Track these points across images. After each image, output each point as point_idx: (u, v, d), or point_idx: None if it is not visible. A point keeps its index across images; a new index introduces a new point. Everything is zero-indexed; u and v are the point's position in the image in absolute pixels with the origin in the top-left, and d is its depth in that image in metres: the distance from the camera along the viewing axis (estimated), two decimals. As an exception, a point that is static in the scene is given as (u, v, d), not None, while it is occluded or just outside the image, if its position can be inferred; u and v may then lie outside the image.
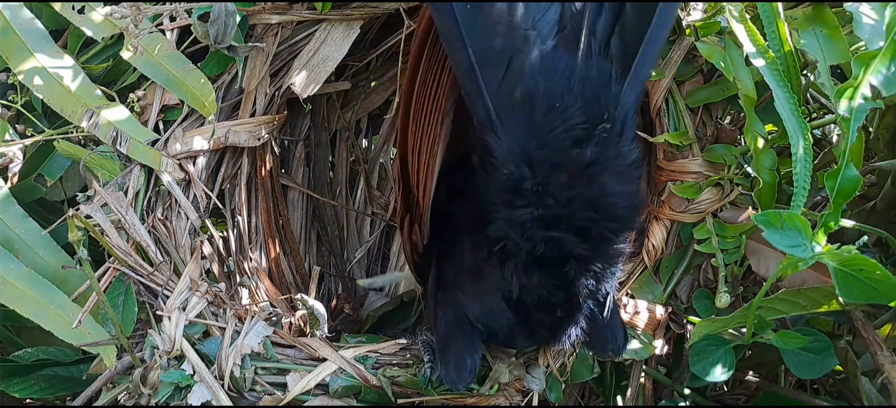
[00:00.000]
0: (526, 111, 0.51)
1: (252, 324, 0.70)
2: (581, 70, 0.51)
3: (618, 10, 0.52)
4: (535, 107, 0.51)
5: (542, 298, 0.58)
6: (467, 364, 0.63)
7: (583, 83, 0.51)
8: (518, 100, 0.51)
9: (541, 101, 0.51)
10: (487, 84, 0.51)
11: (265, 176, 0.92)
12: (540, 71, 0.51)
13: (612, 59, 0.52)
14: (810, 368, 0.67)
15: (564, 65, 0.51)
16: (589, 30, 0.51)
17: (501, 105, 0.52)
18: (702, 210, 0.73)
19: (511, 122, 0.52)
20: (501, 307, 0.60)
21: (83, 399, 0.70)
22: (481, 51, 0.51)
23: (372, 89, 1.06)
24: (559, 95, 0.51)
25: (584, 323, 0.62)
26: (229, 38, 0.76)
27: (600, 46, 0.52)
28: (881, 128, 0.76)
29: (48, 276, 0.71)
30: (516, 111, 0.52)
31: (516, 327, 0.62)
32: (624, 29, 0.52)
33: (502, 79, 0.51)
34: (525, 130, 0.51)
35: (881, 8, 0.61)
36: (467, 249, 0.63)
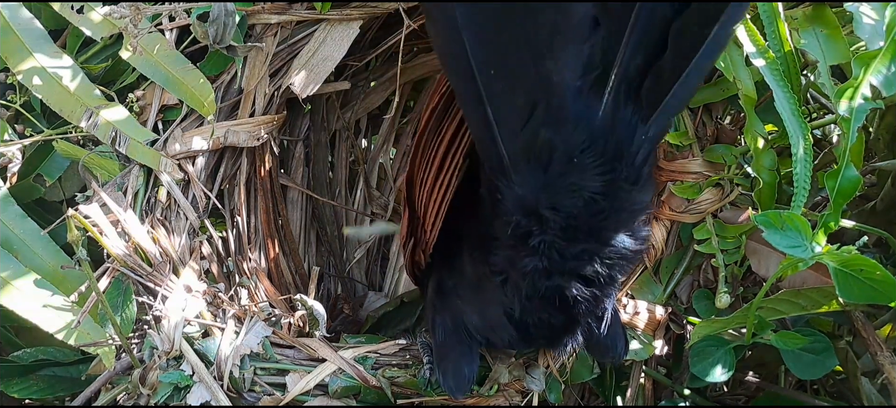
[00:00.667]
0: (542, 164, 0.48)
1: (251, 324, 0.70)
2: (605, 117, 0.47)
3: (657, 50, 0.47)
4: (553, 161, 0.48)
5: (542, 320, 0.58)
6: (465, 374, 0.63)
7: (606, 134, 0.48)
8: (536, 150, 0.48)
9: (560, 155, 0.48)
10: (504, 135, 0.48)
11: (264, 176, 0.92)
12: (562, 121, 0.47)
13: (642, 99, 0.48)
14: (810, 368, 0.67)
15: (589, 113, 0.47)
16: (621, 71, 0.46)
17: (517, 153, 0.49)
18: (702, 210, 0.73)
19: (525, 171, 0.49)
20: (502, 322, 0.60)
21: (82, 399, 0.69)
22: (501, 109, 0.47)
23: (371, 89, 1.06)
24: (579, 150, 0.48)
25: (581, 337, 0.62)
26: (228, 38, 0.76)
27: (631, 86, 0.47)
28: (881, 128, 0.76)
29: (47, 276, 0.71)
30: (532, 162, 0.48)
31: (516, 341, 0.62)
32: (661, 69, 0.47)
33: (521, 130, 0.47)
34: (539, 185, 0.49)
35: (881, 8, 0.61)
36: (468, 262, 0.62)
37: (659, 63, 0.46)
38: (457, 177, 0.58)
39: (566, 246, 0.51)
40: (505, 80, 0.46)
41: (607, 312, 0.61)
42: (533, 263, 0.52)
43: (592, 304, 0.56)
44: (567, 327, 0.60)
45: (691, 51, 0.46)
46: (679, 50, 0.46)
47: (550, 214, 0.49)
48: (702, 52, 0.46)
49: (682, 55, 0.46)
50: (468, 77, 0.46)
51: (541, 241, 0.51)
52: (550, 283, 0.53)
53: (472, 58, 0.45)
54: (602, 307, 0.59)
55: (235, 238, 0.88)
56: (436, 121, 0.60)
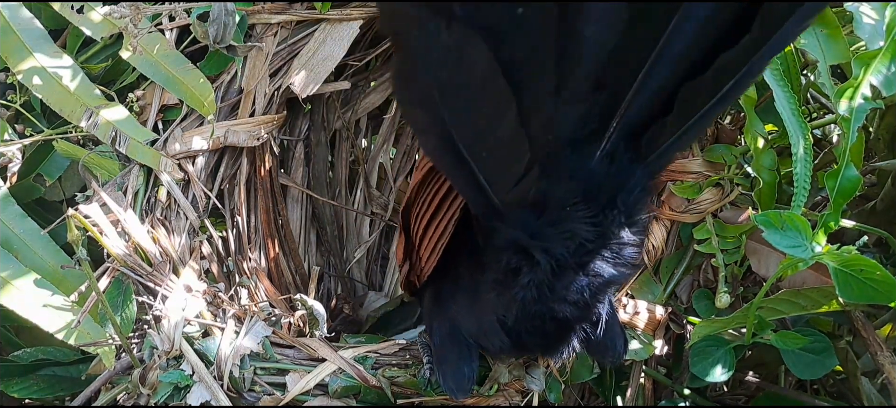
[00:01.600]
0: (536, 211, 0.49)
1: (251, 324, 0.70)
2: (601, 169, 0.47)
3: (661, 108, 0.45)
4: (545, 211, 0.48)
5: (535, 327, 0.58)
6: (465, 374, 0.63)
7: (600, 183, 0.48)
8: (529, 200, 0.48)
9: (553, 205, 0.48)
10: (496, 192, 0.48)
11: (264, 176, 0.92)
12: (556, 176, 0.47)
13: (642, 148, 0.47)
14: (810, 368, 0.67)
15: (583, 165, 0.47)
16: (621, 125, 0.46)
17: (510, 203, 0.49)
18: (702, 210, 0.73)
19: (519, 216, 0.49)
20: (496, 330, 0.60)
21: (82, 399, 0.69)
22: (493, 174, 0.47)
23: (371, 89, 1.05)
24: (572, 202, 0.48)
25: (576, 344, 0.62)
26: (229, 38, 0.76)
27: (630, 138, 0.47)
28: (881, 128, 0.76)
29: (47, 276, 0.71)
30: (526, 209, 0.49)
31: (509, 349, 0.62)
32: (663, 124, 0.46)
33: (514, 186, 0.47)
34: (533, 229, 0.49)
35: (881, 8, 0.61)
36: (464, 269, 0.63)
37: (663, 120, 0.46)
38: (452, 225, 0.58)
39: (554, 283, 0.52)
40: (497, 156, 0.46)
41: (602, 317, 0.62)
42: (522, 294, 0.53)
43: (583, 311, 0.57)
44: (560, 334, 0.60)
45: (698, 109, 0.46)
46: (686, 109, 0.45)
47: (541, 257, 0.50)
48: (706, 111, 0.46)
49: (689, 112, 0.46)
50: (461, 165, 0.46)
51: (530, 279, 0.52)
52: (540, 307, 0.54)
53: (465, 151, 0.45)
54: (595, 314, 0.60)
55: (235, 238, 0.88)
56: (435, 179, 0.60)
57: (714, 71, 0.43)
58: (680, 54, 0.43)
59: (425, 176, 0.61)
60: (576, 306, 0.55)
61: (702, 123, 0.47)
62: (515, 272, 0.52)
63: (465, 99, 0.43)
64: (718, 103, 0.45)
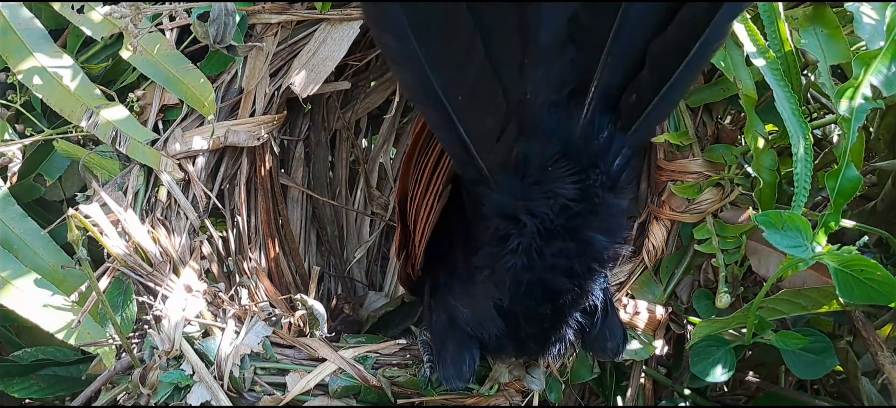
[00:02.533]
0: (519, 173, 0.51)
1: (251, 324, 0.70)
2: (582, 129, 0.49)
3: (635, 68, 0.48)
4: (529, 170, 0.50)
5: (530, 310, 0.59)
6: (466, 360, 0.63)
7: (581, 145, 0.50)
8: (511, 161, 0.50)
9: (534, 164, 0.50)
10: (479, 150, 0.50)
11: (264, 176, 0.92)
12: (535, 134, 0.49)
13: (621, 111, 0.49)
14: (811, 368, 0.67)
15: (563, 126, 0.49)
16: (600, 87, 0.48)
17: (494, 165, 0.51)
18: (702, 210, 0.73)
19: (503, 179, 0.51)
20: (492, 316, 0.61)
21: (82, 399, 0.69)
22: (474, 129, 0.49)
23: (372, 89, 1.05)
24: (553, 160, 0.50)
25: (571, 336, 0.62)
26: (229, 38, 0.76)
27: (610, 101, 0.49)
28: (882, 128, 0.76)
29: (47, 276, 0.71)
30: (509, 170, 0.51)
31: (505, 338, 0.62)
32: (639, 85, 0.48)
33: (495, 144, 0.50)
34: (516, 190, 0.51)
35: (882, 8, 0.61)
36: (460, 257, 0.63)
37: (637, 79, 0.48)
38: (440, 201, 0.59)
39: (543, 246, 0.53)
40: (475, 105, 0.48)
41: (597, 307, 0.62)
42: (512, 262, 0.54)
43: (577, 294, 0.58)
44: (554, 321, 0.60)
45: (671, 68, 0.47)
46: (657, 68, 0.47)
47: (527, 219, 0.52)
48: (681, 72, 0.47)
49: (661, 73, 0.47)
50: (439, 108, 0.48)
51: (519, 243, 0.53)
52: (532, 277, 0.55)
53: (440, 91, 0.47)
54: (589, 300, 0.60)
55: (236, 238, 0.88)
56: (424, 142, 0.62)
57: (677, 25, 0.45)
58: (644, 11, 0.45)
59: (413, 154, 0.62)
60: (568, 276, 0.55)
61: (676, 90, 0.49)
62: (504, 239, 0.53)
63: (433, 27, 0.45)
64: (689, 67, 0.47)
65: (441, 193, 0.59)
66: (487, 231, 0.55)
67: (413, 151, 0.63)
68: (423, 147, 0.62)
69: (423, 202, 0.61)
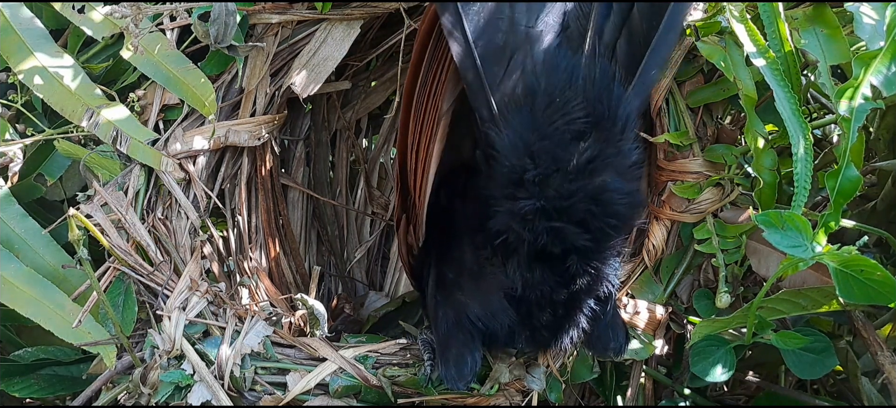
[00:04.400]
0: (527, 105, 0.53)
1: (252, 324, 0.70)
2: (584, 69, 0.52)
3: (626, 14, 0.53)
4: (536, 101, 0.52)
5: (544, 295, 0.58)
6: (468, 363, 0.63)
7: (585, 82, 0.52)
8: (520, 94, 0.53)
9: (542, 95, 0.52)
10: (490, 79, 0.53)
11: (265, 176, 0.92)
12: (541, 67, 0.52)
13: (618, 63, 0.53)
14: (811, 368, 0.67)
15: (566, 63, 0.52)
16: (595, 32, 0.52)
17: (503, 99, 0.53)
18: (702, 210, 0.73)
19: (513, 115, 0.53)
20: (503, 306, 0.61)
21: (83, 399, 0.70)
22: (484, 46, 0.53)
23: (372, 89, 1.06)
24: (560, 91, 0.52)
25: (584, 324, 0.62)
26: (229, 38, 0.76)
27: (606, 49, 0.53)
28: (882, 128, 0.76)
29: (48, 275, 0.71)
30: (518, 105, 0.53)
31: (517, 327, 0.62)
32: (631, 34, 0.53)
33: (504, 74, 0.53)
34: (526, 123, 0.53)
35: (881, 8, 0.61)
36: (468, 250, 0.63)
37: (628, 23, 0.52)
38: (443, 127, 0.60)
39: (560, 181, 0.53)
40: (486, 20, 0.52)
41: (612, 294, 0.62)
42: (531, 204, 0.54)
43: (593, 270, 0.57)
44: (569, 308, 0.60)
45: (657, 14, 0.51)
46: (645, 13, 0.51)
47: (540, 147, 0.53)
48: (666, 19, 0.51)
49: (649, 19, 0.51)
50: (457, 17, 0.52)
51: (535, 175, 0.53)
52: (550, 224, 0.54)
53: None
54: (604, 280, 0.60)
55: (236, 238, 0.88)
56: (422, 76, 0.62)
57: None
58: None
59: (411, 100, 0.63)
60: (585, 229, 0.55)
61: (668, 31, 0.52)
62: (520, 180, 0.53)
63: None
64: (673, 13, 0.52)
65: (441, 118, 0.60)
66: (502, 179, 0.54)
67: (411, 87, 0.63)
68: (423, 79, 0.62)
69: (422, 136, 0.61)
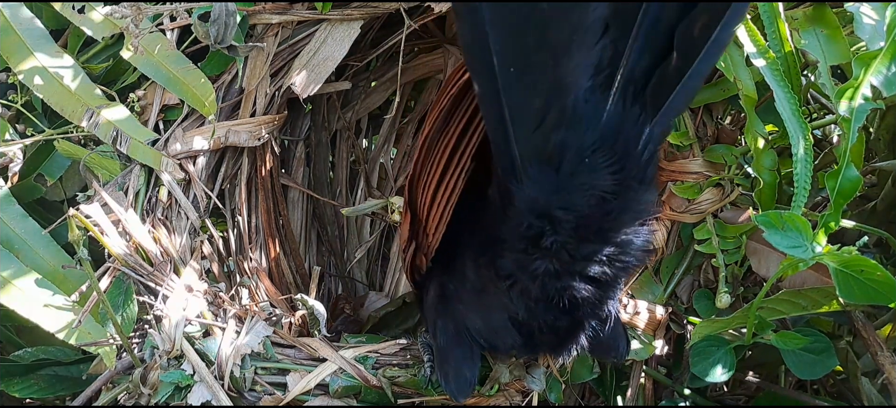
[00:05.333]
0: (554, 165, 0.49)
1: (252, 324, 0.70)
2: (612, 117, 0.48)
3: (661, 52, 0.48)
4: (564, 161, 0.48)
5: (547, 322, 0.58)
6: (466, 378, 0.63)
7: (614, 133, 0.48)
8: (548, 152, 0.48)
9: (571, 156, 0.48)
10: (517, 136, 0.48)
11: (265, 176, 0.92)
12: (574, 122, 0.47)
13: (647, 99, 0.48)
14: (811, 368, 0.67)
15: (597, 114, 0.48)
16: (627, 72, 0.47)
17: (529, 155, 0.49)
18: (702, 210, 0.73)
19: (537, 173, 0.49)
20: (506, 327, 0.60)
21: (83, 399, 0.70)
22: (517, 109, 0.47)
23: (372, 89, 1.06)
24: (590, 151, 0.48)
25: (584, 341, 0.62)
26: (229, 38, 0.76)
27: (637, 88, 0.48)
28: (882, 128, 0.76)
29: (48, 275, 0.71)
30: (544, 163, 0.49)
31: (519, 347, 0.62)
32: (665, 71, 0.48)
33: (534, 131, 0.48)
34: (551, 186, 0.49)
35: (882, 8, 0.61)
36: (471, 267, 0.62)
37: (664, 65, 0.47)
38: (462, 180, 0.58)
39: (577, 247, 0.51)
40: (523, 81, 0.46)
41: (611, 315, 0.61)
42: (544, 266, 0.52)
43: (596, 305, 0.57)
44: (571, 330, 0.60)
45: (694, 53, 0.46)
46: (683, 52, 0.46)
47: (562, 215, 0.50)
48: (704, 54, 0.46)
49: (686, 57, 0.46)
50: (490, 75, 0.46)
51: (553, 241, 0.51)
52: (560, 284, 0.53)
53: (495, 56, 0.45)
54: (605, 310, 0.60)
55: (236, 238, 0.88)
56: (442, 122, 0.59)
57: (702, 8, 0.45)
58: None
59: (430, 141, 0.60)
60: (597, 285, 0.54)
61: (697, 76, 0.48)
62: (536, 240, 0.51)
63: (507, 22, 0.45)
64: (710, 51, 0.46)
65: (466, 169, 0.57)
66: (517, 231, 0.52)
67: (430, 131, 0.61)
68: (442, 128, 0.59)
69: (441, 184, 0.59)
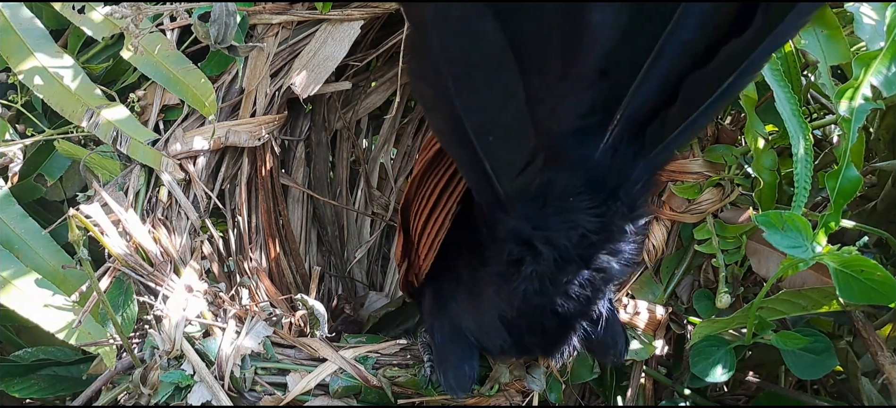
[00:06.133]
0: (538, 202, 0.49)
1: (252, 324, 0.70)
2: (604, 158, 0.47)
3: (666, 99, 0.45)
4: (549, 199, 0.48)
5: (535, 322, 0.59)
6: (466, 372, 0.63)
7: (604, 175, 0.48)
8: (533, 190, 0.48)
9: (556, 195, 0.48)
10: (501, 180, 0.48)
11: (265, 176, 0.92)
12: (560, 166, 0.47)
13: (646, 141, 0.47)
14: (811, 368, 0.67)
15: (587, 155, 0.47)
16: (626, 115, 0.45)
17: (514, 193, 0.49)
18: (702, 210, 0.73)
19: (521, 208, 0.49)
20: (496, 327, 0.60)
21: (83, 399, 0.70)
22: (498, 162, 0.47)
23: (372, 89, 1.06)
24: (576, 192, 0.48)
25: (576, 342, 0.62)
26: (230, 39, 0.76)
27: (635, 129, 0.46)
28: (881, 128, 0.76)
29: (48, 275, 0.71)
30: (529, 199, 0.49)
31: (509, 348, 0.62)
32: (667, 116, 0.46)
33: (518, 175, 0.47)
34: (535, 219, 0.49)
35: (882, 8, 0.61)
36: (465, 269, 0.63)
37: (667, 111, 0.46)
38: (450, 219, 0.58)
39: (556, 275, 0.52)
40: (502, 139, 0.45)
41: (602, 316, 0.62)
42: (524, 287, 0.53)
43: (583, 311, 0.57)
44: (560, 331, 0.60)
45: (702, 101, 0.45)
46: (690, 101, 0.45)
47: (544, 248, 0.50)
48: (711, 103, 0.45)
49: (693, 105, 0.45)
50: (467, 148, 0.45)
51: (533, 270, 0.52)
52: (541, 301, 0.55)
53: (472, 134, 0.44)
54: (594, 310, 0.60)
55: (236, 238, 0.88)
56: (435, 155, 0.59)
57: (717, 63, 0.43)
58: (683, 47, 0.43)
59: (424, 171, 0.61)
60: (577, 301, 0.55)
61: (704, 118, 0.47)
62: (518, 264, 0.52)
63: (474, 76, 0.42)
64: (720, 98, 0.45)
65: (452, 212, 0.57)
66: (500, 253, 0.53)
67: (422, 165, 0.61)
68: (434, 162, 0.60)
69: (431, 219, 0.60)
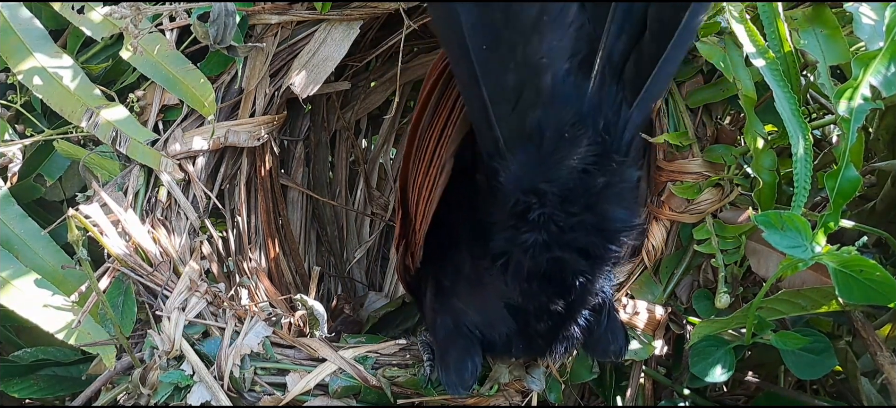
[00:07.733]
0: (535, 142, 0.51)
1: (252, 324, 0.70)
2: (592, 98, 0.51)
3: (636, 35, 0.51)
4: (545, 138, 0.51)
5: (542, 306, 0.59)
6: (468, 367, 0.63)
7: (594, 112, 0.51)
8: (528, 130, 0.51)
9: (551, 132, 0.51)
10: (498, 116, 0.51)
11: (265, 176, 0.92)
12: (551, 101, 0.50)
13: (625, 83, 0.51)
14: (810, 368, 0.67)
15: (576, 94, 0.50)
16: (605, 54, 0.50)
17: (510, 135, 0.52)
18: (702, 210, 0.73)
19: (520, 151, 0.52)
20: (502, 316, 0.61)
21: (83, 399, 0.70)
22: (494, 87, 0.50)
23: (371, 89, 1.06)
24: (569, 126, 0.50)
25: (578, 333, 0.62)
26: (229, 39, 0.76)
27: (615, 70, 0.51)
28: (881, 128, 0.76)
29: (48, 276, 0.71)
30: (525, 141, 0.51)
31: (515, 336, 0.62)
32: (640, 54, 0.51)
33: (512, 110, 0.51)
34: (533, 160, 0.52)
35: (881, 8, 0.61)
36: (466, 258, 0.63)
37: (638, 46, 0.50)
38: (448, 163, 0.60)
39: (564, 218, 0.53)
40: (496, 59, 0.49)
41: (605, 305, 0.62)
42: (533, 238, 0.54)
43: (588, 285, 0.58)
44: (565, 317, 0.60)
45: (666, 35, 0.50)
46: (655, 34, 0.50)
47: (547, 187, 0.52)
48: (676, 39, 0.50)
49: (659, 39, 0.50)
50: (464, 54, 0.49)
51: (540, 214, 0.53)
52: (551, 255, 0.55)
53: (467, 36, 0.48)
54: (597, 294, 0.61)
55: (236, 238, 0.88)
56: (427, 116, 0.62)
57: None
58: None
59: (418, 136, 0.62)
60: (585, 257, 0.55)
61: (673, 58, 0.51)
62: (524, 213, 0.53)
63: None
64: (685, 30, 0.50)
65: (444, 165, 0.59)
66: (505, 209, 0.54)
67: (416, 125, 0.63)
68: (428, 122, 0.62)
69: (426, 177, 0.61)
